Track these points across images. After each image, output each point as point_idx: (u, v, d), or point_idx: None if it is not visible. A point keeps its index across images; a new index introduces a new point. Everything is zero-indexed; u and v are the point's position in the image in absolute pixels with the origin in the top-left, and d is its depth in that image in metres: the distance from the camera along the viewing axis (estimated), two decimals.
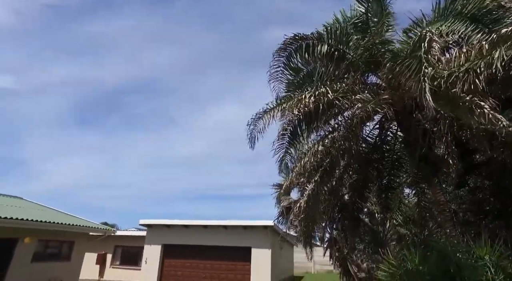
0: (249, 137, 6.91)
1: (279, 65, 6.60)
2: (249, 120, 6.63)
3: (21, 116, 45.17)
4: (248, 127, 6.66)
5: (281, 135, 6.78)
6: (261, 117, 6.47)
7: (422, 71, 4.45)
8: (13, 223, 10.80)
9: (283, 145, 6.83)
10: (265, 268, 14.29)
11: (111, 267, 17.64)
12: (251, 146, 7.10)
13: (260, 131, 6.75)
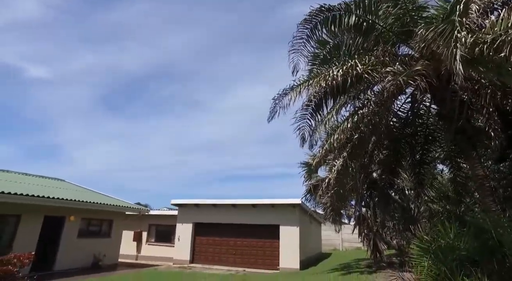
0: (270, 111, 6.87)
1: (302, 36, 6.39)
2: (275, 95, 6.59)
3: (55, 105, 47.62)
4: (272, 101, 6.62)
5: (305, 106, 6.66)
6: (287, 93, 6.38)
7: (454, 36, 4.13)
8: (60, 203, 11.72)
9: (305, 116, 6.73)
10: (293, 245, 14.56)
11: (147, 244, 18.73)
12: (269, 119, 7.04)
13: (283, 106, 6.69)
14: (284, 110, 6.45)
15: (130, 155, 62.24)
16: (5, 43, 35.71)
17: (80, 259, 13.05)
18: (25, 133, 54.85)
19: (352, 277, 10.60)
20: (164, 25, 39.04)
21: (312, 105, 6.56)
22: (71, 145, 59.93)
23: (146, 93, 48.97)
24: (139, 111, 51.24)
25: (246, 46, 45.05)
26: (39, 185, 13.59)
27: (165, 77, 46.78)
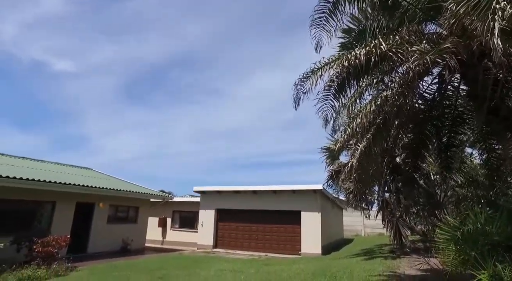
0: (294, 97, 6.77)
1: (324, 10, 6.17)
2: (296, 80, 6.46)
3: (82, 96, 49.24)
4: (294, 87, 6.50)
5: (328, 86, 6.50)
6: (308, 77, 6.25)
7: (492, 8, 3.84)
8: (90, 190, 12.30)
9: (327, 97, 6.58)
10: (315, 231, 14.62)
11: (171, 230, 19.41)
12: (295, 106, 6.97)
13: (306, 91, 6.57)
14: (308, 95, 6.35)
15: (153, 143, 63.91)
16: (34, 39, 37.02)
17: (110, 243, 13.74)
18: (54, 124, 57.39)
19: (375, 262, 10.55)
20: (182, 14, 39.05)
21: (335, 86, 6.38)
22: (97, 135, 62.28)
23: (167, 82, 49.68)
24: (160, 100, 52.21)
25: (263, 33, 44.42)
26: (70, 174, 14.27)
27: (184, 65, 47.16)
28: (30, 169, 12.41)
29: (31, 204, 11.23)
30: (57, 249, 9.64)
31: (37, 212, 11.44)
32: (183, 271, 9.29)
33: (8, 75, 43.33)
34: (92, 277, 8.16)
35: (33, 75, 43.49)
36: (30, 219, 11.22)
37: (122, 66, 45.03)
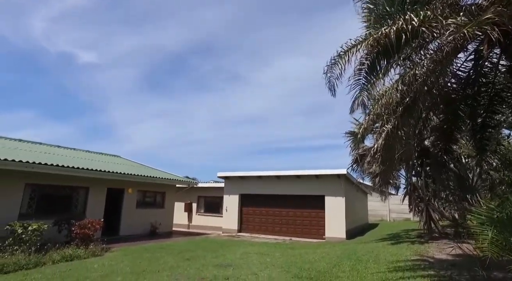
0: (328, 86, 6.62)
1: None
2: (325, 68, 6.27)
3: (107, 87, 50.76)
4: (325, 76, 6.32)
5: (358, 70, 6.28)
6: (336, 62, 6.05)
7: None
8: (120, 176, 12.82)
9: (359, 81, 6.36)
10: (339, 215, 14.53)
11: (197, 214, 19.97)
12: (332, 93, 6.83)
13: (337, 77, 6.40)
14: (340, 80, 6.18)
15: (176, 131, 65.28)
16: (61, 33, 38.22)
17: (139, 226, 14.36)
18: (83, 114, 59.83)
19: (402, 246, 10.38)
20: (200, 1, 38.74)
21: (365, 68, 6.15)
22: (123, 124, 64.34)
23: (187, 70, 50.06)
24: (182, 88, 52.86)
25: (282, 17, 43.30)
26: (101, 161, 14.90)
27: (204, 53, 47.15)
28: (65, 157, 13.07)
29: (68, 190, 11.90)
30: (93, 232, 10.21)
31: (73, 197, 12.11)
32: (209, 253, 9.58)
33: (40, 69, 45.30)
34: (126, 258, 8.58)
35: (62, 68, 45.18)
36: (68, 203, 11.90)
37: (144, 56, 45.77)
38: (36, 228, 8.59)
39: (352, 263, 7.88)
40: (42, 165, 9.90)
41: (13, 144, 13.06)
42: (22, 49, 39.25)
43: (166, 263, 7.89)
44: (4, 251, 7.72)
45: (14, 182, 10.08)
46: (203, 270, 7.16)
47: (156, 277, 6.46)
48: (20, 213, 10.04)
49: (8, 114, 51.20)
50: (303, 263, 8.16)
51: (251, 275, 6.65)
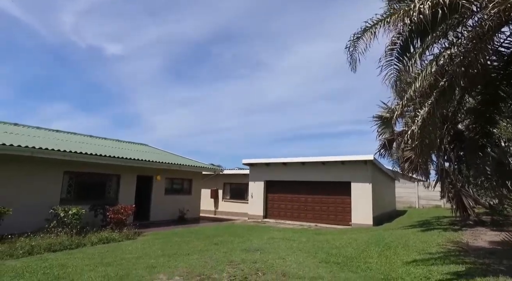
0: (349, 60, 6.38)
1: None
2: (347, 43, 6.04)
3: (132, 77, 52.11)
4: (347, 50, 6.10)
5: (389, 50, 5.98)
6: (360, 37, 5.79)
7: None
8: (149, 164, 13.28)
9: (391, 62, 6.08)
10: (366, 202, 14.31)
11: (223, 201, 20.41)
12: (352, 69, 6.61)
13: (361, 52, 6.14)
14: (363, 55, 5.92)
15: (200, 119, 66.18)
16: (89, 26, 39.41)
17: (168, 212, 14.90)
18: (112, 105, 62.06)
19: (433, 233, 10.09)
20: None
21: (397, 48, 5.86)
22: (149, 113, 66.09)
23: (210, 58, 50.21)
24: (205, 76, 53.19)
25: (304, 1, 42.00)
26: (130, 150, 15.48)
27: (226, 40, 46.95)
28: (97, 146, 13.69)
29: (102, 177, 12.51)
30: (125, 216, 10.73)
31: (106, 184, 12.73)
32: (236, 238, 9.79)
33: (70, 62, 47.20)
34: (157, 241, 8.97)
35: (91, 61, 46.82)
36: (102, 190, 12.55)
37: (167, 46, 46.33)
38: (75, 212, 9.16)
39: (381, 249, 7.77)
40: (78, 154, 10.46)
41: (51, 134, 13.82)
42: (54, 44, 40.97)
43: (195, 247, 8.17)
44: (50, 232, 8.34)
45: (55, 170, 10.73)
46: (231, 254, 7.34)
47: (187, 259, 6.71)
48: (61, 198, 10.73)
49: (45, 106, 54.20)
50: (330, 249, 8.15)
51: (279, 260, 6.74)
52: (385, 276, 5.36)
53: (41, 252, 7.10)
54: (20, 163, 9.70)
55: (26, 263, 6.10)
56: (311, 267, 6.13)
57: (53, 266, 5.94)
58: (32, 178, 10.09)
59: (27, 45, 39.65)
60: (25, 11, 32.51)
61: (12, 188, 9.52)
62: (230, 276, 5.43)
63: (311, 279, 5.24)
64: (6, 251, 6.73)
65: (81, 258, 6.62)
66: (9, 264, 6.06)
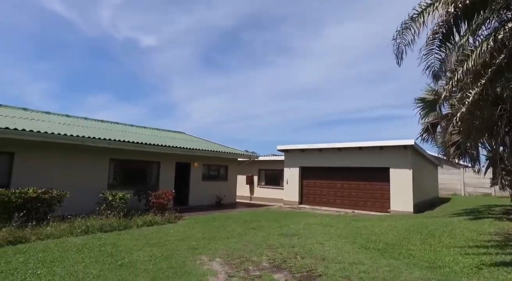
0: (395, 52, 6.08)
1: None
2: (394, 34, 5.72)
3: (166, 67, 53.63)
4: (394, 41, 5.78)
5: (431, 39, 5.60)
6: (408, 26, 5.44)
7: None
8: (187, 151, 13.75)
9: (432, 51, 5.68)
10: (405, 188, 13.76)
11: (258, 187, 20.68)
12: (398, 62, 6.34)
13: (408, 43, 5.80)
14: (411, 47, 5.61)
15: (233, 106, 66.65)
16: (124, 19, 40.97)
17: (205, 198, 15.43)
18: (148, 95, 64.59)
19: (483, 222, 9.47)
20: None
21: (439, 37, 5.45)
22: (183, 102, 67.82)
23: (240, 45, 50.06)
24: (235, 63, 53.28)
25: None
26: (169, 138, 16.09)
27: (255, 27, 46.43)
28: (138, 134, 14.40)
29: (143, 164, 13.21)
30: (166, 201, 11.28)
31: (148, 170, 13.42)
32: (273, 223, 9.92)
33: (109, 55, 49.58)
34: (197, 225, 9.36)
35: (128, 53, 48.80)
36: (144, 176, 13.26)
37: (198, 35, 46.80)
38: (122, 197, 9.80)
39: (423, 237, 7.48)
40: (122, 142, 11.10)
41: (97, 124, 14.76)
42: (93, 38, 43.12)
43: (233, 231, 8.41)
44: (101, 214, 9.04)
45: (102, 158, 11.50)
46: (269, 238, 7.47)
47: (226, 242, 6.94)
48: (108, 184, 11.51)
49: (88, 98, 57.75)
50: (369, 235, 7.99)
51: (317, 244, 6.74)
52: (430, 264, 5.17)
53: (95, 231, 7.74)
54: (73, 151, 10.51)
55: (84, 241, 6.69)
56: (351, 252, 6.06)
57: (106, 244, 6.45)
58: (83, 165, 10.90)
59: (70, 40, 42.16)
60: (67, 8, 34.38)
61: (67, 174, 10.38)
62: (269, 259, 5.55)
63: (351, 264, 5.20)
64: (67, 230, 7.44)
65: (129, 239, 7.10)
66: (71, 241, 6.69)
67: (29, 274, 4.50)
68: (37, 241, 6.62)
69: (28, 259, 5.25)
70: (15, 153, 9.44)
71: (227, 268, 4.97)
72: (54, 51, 45.13)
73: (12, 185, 8.89)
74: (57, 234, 7.12)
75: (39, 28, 39.30)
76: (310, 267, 5.03)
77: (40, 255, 5.46)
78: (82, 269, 4.73)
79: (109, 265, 4.97)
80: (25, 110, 13.15)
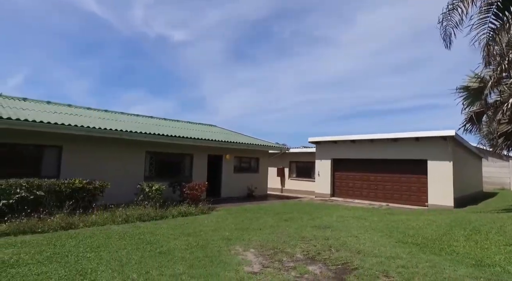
0: (442, 36, 5.72)
1: None
2: (439, 16, 5.37)
3: (196, 62, 54.65)
4: (440, 25, 5.44)
5: (485, 11, 5.16)
6: (455, 6, 5.06)
7: None
8: (219, 144, 14.01)
9: (485, 27, 5.23)
10: (445, 181, 13.04)
11: (289, 179, 20.63)
12: (446, 45, 5.97)
13: (455, 25, 5.42)
14: (459, 28, 5.23)
15: (263, 98, 66.65)
16: (155, 17, 42.14)
17: (237, 189, 15.66)
18: (179, 89, 66.33)
19: None
20: None
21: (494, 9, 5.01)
22: (213, 95, 68.94)
23: (269, 37, 49.65)
24: (265, 55, 53.05)
25: None
26: (201, 130, 16.46)
27: (284, 18, 45.75)
28: (171, 128, 14.87)
29: (177, 156, 13.64)
30: (200, 193, 11.60)
31: (181, 163, 13.85)
32: (305, 216, 9.86)
33: (142, 52, 51.39)
34: (230, 216, 9.54)
35: (160, 49, 50.28)
36: (177, 168, 13.72)
37: (227, 28, 47.03)
38: (158, 188, 10.22)
39: (467, 233, 7.06)
40: (157, 135, 11.54)
41: (133, 118, 15.43)
42: (128, 36, 44.84)
43: (266, 222, 8.47)
44: (138, 204, 9.52)
45: (138, 150, 12.04)
46: (302, 230, 7.44)
47: (259, 233, 7.01)
48: (144, 176, 12.05)
49: (124, 93, 60.53)
50: (406, 229, 7.70)
51: (351, 238, 6.62)
52: (477, 262, 4.88)
53: (134, 220, 8.16)
54: (112, 144, 11.11)
55: (124, 229, 7.09)
56: (387, 246, 5.88)
57: (145, 233, 6.78)
58: (121, 157, 11.49)
59: (106, 39, 44.18)
60: (104, 9, 35.98)
61: (108, 166, 11.00)
62: (303, 251, 5.53)
63: (388, 258, 5.04)
64: (109, 218, 7.93)
65: (165, 228, 7.41)
66: (113, 228, 7.12)
67: (81, 257, 4.87)
68: (84, 227, 7.13)
69: (78, 243, 5.67)
70: (63, 146, 10.14)
71: (261, 259, 5.02)
72: (93, 50, 47.61)
73: (61, 176, 9.59)
74: (101, 222, 7.61)
75: (79, 28, 41.57)
76: (345, 260, 4.95)
77: (88, 241, 5.87)
78: (125, 255, 5.01)
79: (149, 253, 5.22)
80: (69, 106, 14.05)
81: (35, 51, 45.29)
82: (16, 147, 9.39)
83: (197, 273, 4.22)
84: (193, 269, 4.40)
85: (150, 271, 4.24)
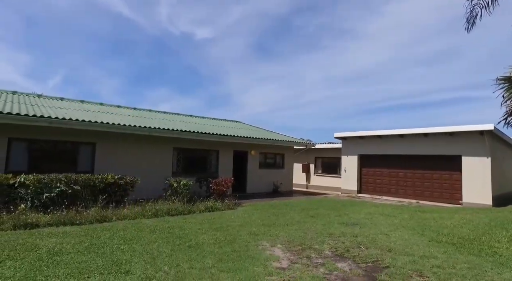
0: (467, 17, 5.35)
1: None
2: None
3: (221, 58, 55.03)
4: (469, 2, 5.08)
5: None
6: None
7: None
8: (244, 140, 14.10)
9: None
10: (482, 178, 12.33)
11: (314, 175, 20.40)
12: (467, 27, 5.61)
13: (486, 5, 5.05)
14: (489, 9, 4.86)
15: (288, 94, 65.99)
16: (180, 15, 42.90)
17: (263, 185, 15.70)
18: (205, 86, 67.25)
19: None
20: None
21: None
22: (238, 92, 69.19)
23: (293, 31, 48.97)
24: (289, 50, 52.37)
25: None
26: (226, 127, 16.65)
27: (307, 11, 44.87)
28: (197, 124, 15.13)
29: (203, 152, 13.88)
30: (226, 188, 11.75)
31: (207, 158, 14.08)
32: (332, 212, 9.72)
33: (168, 50, 52.58)
34: (256, 212, 9.58)
35: (185, 47, 51.18)
36: (204, 164, 13.96)
37: (250, 23, 46.89)
38: (185, 183, 10.47)
39: (511, 234, 6.65)
40: (184, 132, 11.78)
41: (160, 115, 15.86)
42: (154, 35, 46.00)
43: (292, 218, 8.44)
44: (167, 199, 9.81)
45: (166, 147, 12.38)
46: (329, 227, 7.34)
47: (286, 229, 6.99)
48: (172, 171, 12.38)
49: (151, 92, 62.32)
50: (440, 228, 7.39)
51: (381, 235, 6.44)
52: None
53: (163, 215, 8.42)
54: (141, 141, 11.49)
55: (154, 223, 7.33)
56: (420, 245, 5.67)
57: (174, 227, 6.97)
58: (150, 154, 11.87)
59: (134, 39, 45.59)
60: (131, 10, 37.09)
61: (138, 162, 11.41)
62: (331, 247, 5.46)
63: (422, 257, 4.86)
64: (140, 212, 8.23)
65: (193, 223, 7.58)
66: (144, 222, 7.39)
67: (115, 248, 5.10)
68: (117, 220, 7.45)
69: (112, 235, 5.94)
70: (96, 143, 10.64)
71: (289, 255, 5.01)
72: (122, 49, 49.34)
73: (95, 172, 10.08)
74: (132, 216, 7.92)
75: (110, 29, 43.19)
76: (375, 258, 4.83)
77: (121, 233, 6.13)
78: (156, 248, 5.18)
79: (179, 246, 5.37)
80: (101, 104, 14.68)
81: (71, 52, 47.63)
82: (56, 144, 9.97)
83: (226, 267, 4.28)
84: (222, 263, 4.47)
85: (181, 264, 4.36)
